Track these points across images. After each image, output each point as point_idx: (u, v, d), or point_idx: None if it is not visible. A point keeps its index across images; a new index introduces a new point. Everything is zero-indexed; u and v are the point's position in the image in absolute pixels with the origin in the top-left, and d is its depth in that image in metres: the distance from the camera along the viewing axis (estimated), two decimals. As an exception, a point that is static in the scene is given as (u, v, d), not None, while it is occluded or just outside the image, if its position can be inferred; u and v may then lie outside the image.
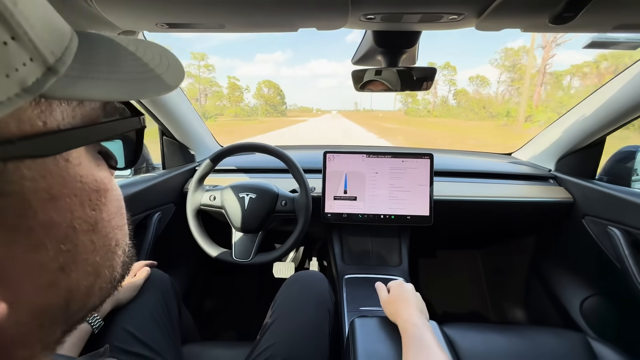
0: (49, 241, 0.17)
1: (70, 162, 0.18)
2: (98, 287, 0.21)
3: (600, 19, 0.50)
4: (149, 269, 0.72)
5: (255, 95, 79.08)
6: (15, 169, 0.15)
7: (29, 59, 0.14)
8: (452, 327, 0.79)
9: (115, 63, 0.19)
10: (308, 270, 0.81)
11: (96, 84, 0.17)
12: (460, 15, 0.55)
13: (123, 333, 0.59)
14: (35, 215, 0.16)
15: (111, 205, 0.22)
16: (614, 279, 0.89)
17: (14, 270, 0.16)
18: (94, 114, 0.20)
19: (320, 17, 0.56)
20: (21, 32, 0.13)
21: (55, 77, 0.15)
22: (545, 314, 1.14)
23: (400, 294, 0.57)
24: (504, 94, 46.38)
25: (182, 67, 0.23)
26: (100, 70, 0.18)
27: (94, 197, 0.20)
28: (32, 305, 0.17)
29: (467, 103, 49.43)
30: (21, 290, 0.16)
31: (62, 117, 0.17)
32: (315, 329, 0.65)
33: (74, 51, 0.17)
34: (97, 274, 0.21)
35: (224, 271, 1.46)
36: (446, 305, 1.41)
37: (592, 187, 0.93)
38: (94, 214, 0.20)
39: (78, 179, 0.18)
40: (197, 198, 0.89)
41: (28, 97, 0.14)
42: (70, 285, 0.19)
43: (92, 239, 0.20)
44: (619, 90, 0.82)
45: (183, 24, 0.56)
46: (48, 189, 0.16)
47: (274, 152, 0.87)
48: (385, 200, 0.95)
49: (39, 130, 0.15)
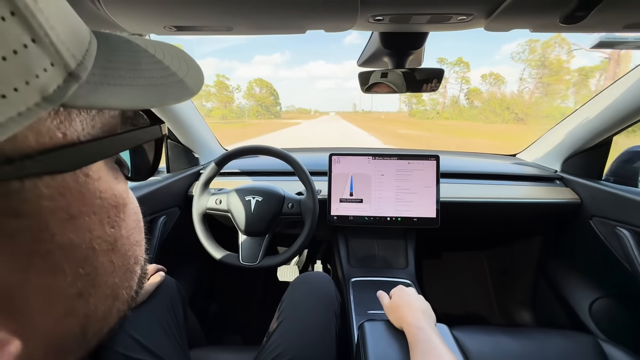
0: (67, 265, 0.15)
1: (90, 177, 0.16)
2: (116, 310, 0.20)
3: (611, 18, 0.50)
4: (163, 274, 0.71)
5: (246, 95, 73.36)
6: (34, 187, 0.13)
7: (50, 64, 0.12)
8: (460, 330, 0.78)
9: (136, 67, 0.18)
10: (314, 272, 0.81)
11: (118, 90, 0.16)
12: (469, 16, 0.54)
13: (128, 339, 0.58)
14: (53, 237, 0.15)
15: (130, 220, 0.20)
16: (623, 281, 0.88)
17: (28, 299, 0.14)
18: (113, 123, 0.18)
19: (329, 18, 0.56)
20: (42, 33, 0.12)
21: (77, 84, 0.14)
22: (553, 316, 1.13)
23: (402, 299, 0.57)
24: (533, 92, 41.85)
25: (201, 70, 0.22)
26: (122, 75, 0.16)
27: (112, 213, 0.18)
28: (47, 337, 0.15)
29: (487, 103, 44.86)
30: (35, 321, 0.15)
31: (82, 128, 0.16)
32: (324, 331, 0.65)
33: (94, 54, 0.16)
34: (115, 296, 0.19)
35: (228, 275, 1.45)
36: (452, 307, 1.40)
37: (599, 188, 0.92)
38: (113, 231, 0.18)
39: (97, 195, 0.17)
40: (202, 202, 0.88)
41: (49, 107, 0.12)
42: (87, 311, 0.17)
43: (111, 259, 0.18)
44: (626, 90, 0.82)
45: (191, 26, 0.56)
46: (67, 207, 0.15)
47: (280, 155, 0.86)
48: (392, 203, 0.95)
49: (58, 143, 0.14)
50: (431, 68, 0.70)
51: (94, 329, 0.18)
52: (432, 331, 0.47)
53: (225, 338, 1.26)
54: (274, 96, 74.87)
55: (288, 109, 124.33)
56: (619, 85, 0.85)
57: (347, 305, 0.86)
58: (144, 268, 0.23)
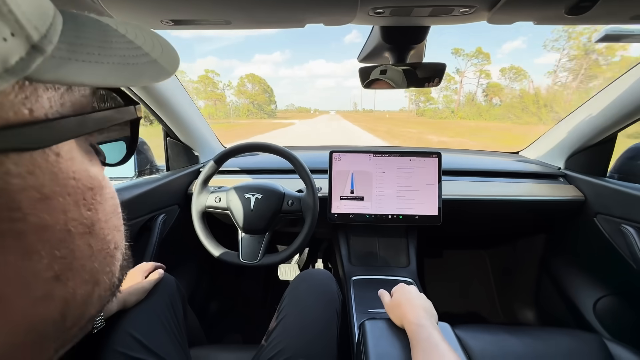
0: (42, 247, 0.15)
1: (61, 157, 0.16)
2: (97, 296, 0.19)
3: (617, 9, 0.49)
4: (162, 271, 0.70)
5: (236, 92, 65.63)
6: (0, 165, 0.13)
7: (10, 34, 0.12)
8: (463, 328, 0.77)
9: (106, 45, 0.17)
10: (316, 269, 0.80)
11: (88, 67, 0.15)
12: (472, 8, 0.53)
13: (128, 338, 0.57)
14: (26, 217, 0.14)
15: (107, 204, 0.20)
16: (629, 279, 0.87)
17: (3, 282, 0.14)
18: (84, 102, 0.18)
19: (329, 12, 0.55)
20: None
21: (42, 57, 0.13)
22: (556, 314, 1.12)
23: (403, 297, 0.56)
24: (578, 86, 35.24)
25: (175, 51, 0.21)
26: (91, 52, 0.16)
27: (88, 195, 0.18)
28: (24, 321, 0.15)
29: (518, 100, 38.15)
30: (12, 305, 0.14)
31: (50, 105, 0.15)
32: (325, 328, 0.64)
33: (59, 30, 0.15)
34: (95, 281, 0.19)
35: (228, 273, 1.44)
36: (454, 306, 1.39)
37: (604, 185, 0.91)
38: (90, 214, 0.18)
39: (71, 176, 0.17)
40: (202, 200, 0.88)
41: (11, 79, 0.12)
42: (66, 295, 0.17)
43: (89, 242, 0.18)
44: (630, 86, 0.81)
45: (188, 20, 0.55)
46: (39, 187, 0.15)
47: (279, 152, 0.86)
48: (393, 200, 0.94)
49: (24, 119, 0.14)
50: (433, 63, 0.69)
51: (73, 314, 0.18)
52: (434, 329, 0.47)
53: (225, 337, 1.25)
54: (268, 93, 67.80)
55: (288, 107, 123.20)
56: (624, 81, 0.83)
57: (348, 303, 0.85)
58: (125, 255, 0.23)
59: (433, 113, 46.26)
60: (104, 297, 0.20)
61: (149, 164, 1.06)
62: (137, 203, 0.84)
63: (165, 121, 0.98)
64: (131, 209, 0.82)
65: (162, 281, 0.70)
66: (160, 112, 0.93)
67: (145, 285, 0.65)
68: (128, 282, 0.64)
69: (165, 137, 1.07)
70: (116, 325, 0.59)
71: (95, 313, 0.20)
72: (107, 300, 0.21)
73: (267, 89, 68.16)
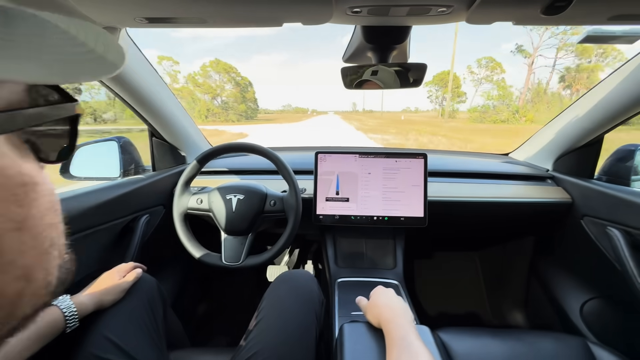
0: None
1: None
2: (30, 294, 0.19)
3: (594, 9, 0.48)
4: (140, 271, 0.69)
5: (191, 84, 44.14)
6: None
7: None
8: (447, 331, 0.76)
9: (40, 41, 0.17)
10: (297, 270, 0.79)
11: (16, 63, 0.15)
12: (449, 8, 0.53)
13: (102, 340, 0.56)
14: None
15: (42, 201, 0.20)
16: (614, 282, 0.87)
17: None
18: (14, 99, 0.18)
19: (305, 10, 0.55)
20: None
21: None
22: (545, 317, 1.11)
23: (380, 298, 0.56)
24: None
25: (122, 47, 0.21)
26: (21, 47, 0.16)
27: (20, 191, 0.18)
28: None
29: None
30: None
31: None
32: (303, 330, 0.63)
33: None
34: (28, 278, 0.19)
35: (217, 276, 1.43)
36: (444, 309, 1.38)
37: (590, 187, 0.90)
38: (21, 210, 0.18)
39: (0, 172, 0.17)
40: (183, 202, 0.86)
41: None
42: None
43: (20, 238, 0.18)
44: (615, 88, 0.80)
45: (162, 18, 0.55)
46: None
47: (261, 152, 0.85)
48: (379, 202, 0.93)
49: None
50: (413, 63, 0.68)
51: (2, 313, 0.18)
52: (410, 327, 0.47)
53: (212, 340, 1.24)
54: (242, 87, 47.46)
55: (285, 108, 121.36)
56: (610, 82, 0.83)
57: (331, 306, 0.84)
58: (63, 253, 0.22)
59: (479, 115, 29.86)
60: (38, 295, 0.20)
61: (134, 163, 1.05)
62: (118, 204, 0.82)
63: (149, 121, 0.97)
64: (112, 209, 0.81)
65: (141, 281, 0.68)
66: (142, 111, 0.91)
67: (122, 284, 0.64)
68: (104, 282, 0.63)
69: (151, 137, 1.05)
70: (91, 326, 0.58)
71: (32, 312, 0.20)
72: (42, 300, 0.21)
73: (242, 81, 47.94)
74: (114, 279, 0.64)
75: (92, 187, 0.79)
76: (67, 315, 0.55)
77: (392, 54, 0.70)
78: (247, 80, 49.10)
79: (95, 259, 0.78)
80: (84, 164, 1.03)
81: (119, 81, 0.79)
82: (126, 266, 0.69)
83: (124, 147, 1.04)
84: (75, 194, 0.73)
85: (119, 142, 1.03)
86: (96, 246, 0.78)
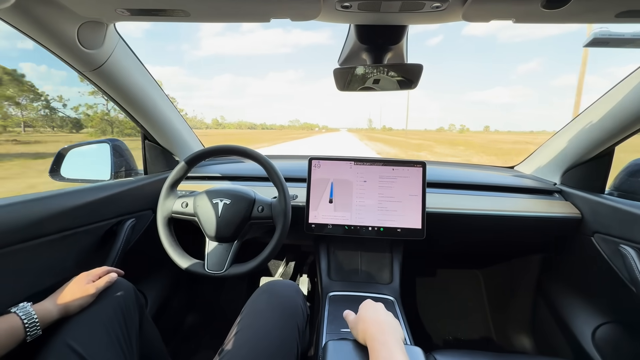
0: None
1: None
2: None
3: (599, 3, 0.45)
4: (114, 275, 0.65)
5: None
6: None
7: None
8: (445, 354, 0.70)
9: None
10: (281, 280, 0.74)
11: None
12: (444, 3, 0.50)
13: (64, 349, 0.52)
14: None
15: None
16: (630, 305, 0.79)
17: None
18: None
19: (292, 5, 0.52)
20: None
21: None
22: (553, 342, 1.03)
23: (367, 313, 0.51)
24: None
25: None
26: None
27: None
28: None
29: None
30: None
31: None
32: (281, 345, 0.58)
33: None
34: None
35: (207, 285, 1.38)
36: (443, 329, 1.30)
37: (601, 202, 0.85)
38: None
39: None
40: (168, 205, 0.83)
41: None
42: None
43: None
44: (626, 95, 0.76)
45: (144, 10, 0.53)
46: None
47: (251, 155, 0.82)
48: (374, 211, 0.88)
49: None
50: (408, 64, 0.65)
51: None
52: (396, 347, 0.43)
53: (199, 351, 1.18)
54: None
55: (292, 123, 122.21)
56: (621, 89, 0.78)
57: (320, 321, 0.78)
58: None
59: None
60: None
61: (125, 166, 1.03)
62: (102, 206, 0.79)
63: (141, 123, 0.95)
64: (94, 211, 0.78)
65: (114, 286, 0.64)
66: (134, 112, 0.90)
67: (90, 289, 0.59)
68: (72, 287, 0.59)
69: (143, 140, 1.04)
70: (54, 333, 0.54)
71: None
72: None
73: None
74: (82, 283, 0.60)
75: (73, 187, 0.76)
76: (27, 323, 0.51)
77: (388, 55, 0.67)
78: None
79: (73, 263, 0.74)
80: (75, 165, 1.01)
81: (107, 80, 0.77)
82: (98, 270, 0.65)
83: (116, 149, 1.02)
84: (54, 194, 0.70)
85: (111, 144, 1.02)
86: (74, 249, 0.74)
